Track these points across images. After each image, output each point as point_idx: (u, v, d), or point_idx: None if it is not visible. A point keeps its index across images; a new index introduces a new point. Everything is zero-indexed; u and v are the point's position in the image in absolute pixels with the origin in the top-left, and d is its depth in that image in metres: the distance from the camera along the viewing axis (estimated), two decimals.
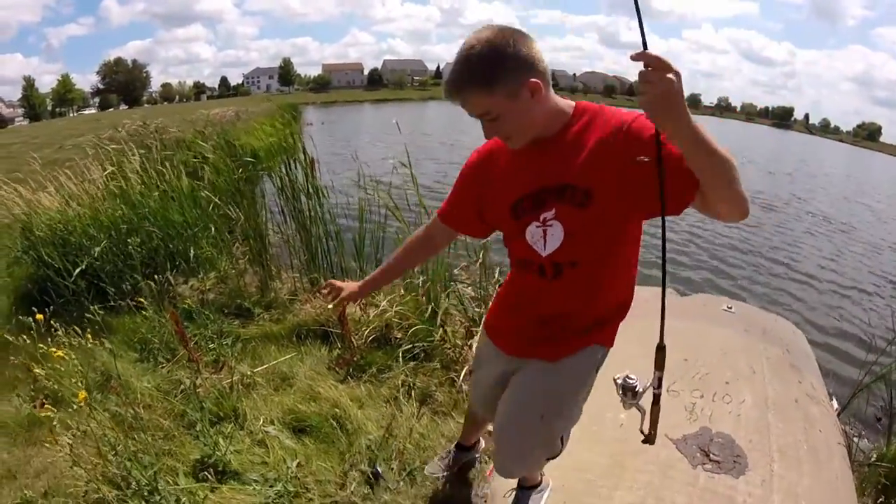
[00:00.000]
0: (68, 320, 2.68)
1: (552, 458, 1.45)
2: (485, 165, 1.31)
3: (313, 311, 3.12)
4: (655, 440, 1.14)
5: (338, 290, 1.51)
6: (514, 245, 1.28)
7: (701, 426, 1.86)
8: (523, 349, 1.37)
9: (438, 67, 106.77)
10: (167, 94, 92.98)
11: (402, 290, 3.09)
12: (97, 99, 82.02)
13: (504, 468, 1.45)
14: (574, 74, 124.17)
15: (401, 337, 2.84)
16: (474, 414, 1.86)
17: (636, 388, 1.13)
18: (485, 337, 1.54)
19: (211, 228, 3.85)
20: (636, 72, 0.82)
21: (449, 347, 2.71)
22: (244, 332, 2.99)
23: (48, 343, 1.70)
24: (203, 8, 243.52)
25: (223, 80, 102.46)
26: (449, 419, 2.35)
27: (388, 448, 2.09)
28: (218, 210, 3.85)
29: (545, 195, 1.16)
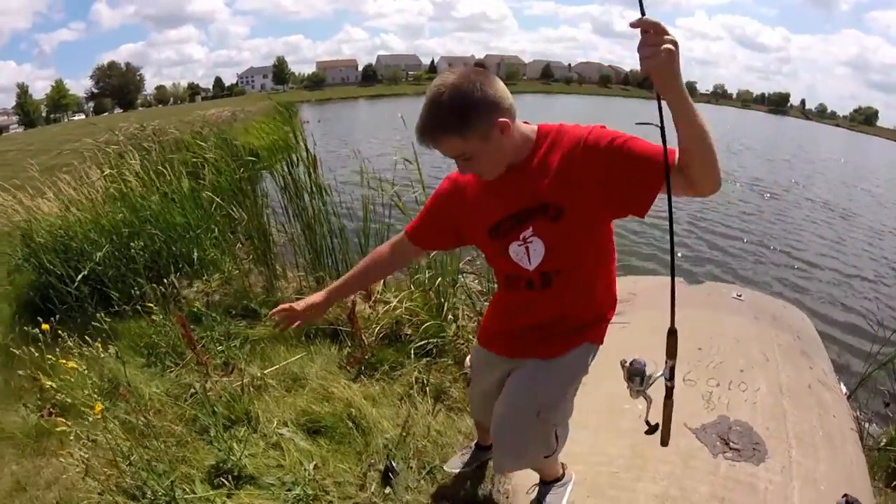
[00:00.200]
0: (72, 327, 2.66)
1: (549, 457, 1.46)
2: (458, 193, 1.36)
3: None
4: (669, 440, 1.14)
5: (290, 316, 1.45)
6: (500, 263, 1.34)
7: (719, 414, 1.87)
8: (520, 350, 1.42)
9: (433, 61, 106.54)
10: (161, 97, 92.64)
11: (412, 287, 3.04)
12: (92, 104, 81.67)
13: (501, 464, 1.49)
14: (569, 65, 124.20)
15: (411, 333, 2.80)
16: (480, 422, 1.90)
17: (644, 373, 1.14)
18: (479, 350, 1.59)
19: (214, 229, 3.80)
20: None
21: (462, 343, 2.67)
22: (252, 334, 2.94)
23: (55, 353, 1.66)
24: (194, 9, 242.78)
25: (217, 81, 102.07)
26: (464, 415, 2.33)
27: (406, 446, 2.06)
28: (220, 210, 3.80)
29: (522, 215, 1.23)
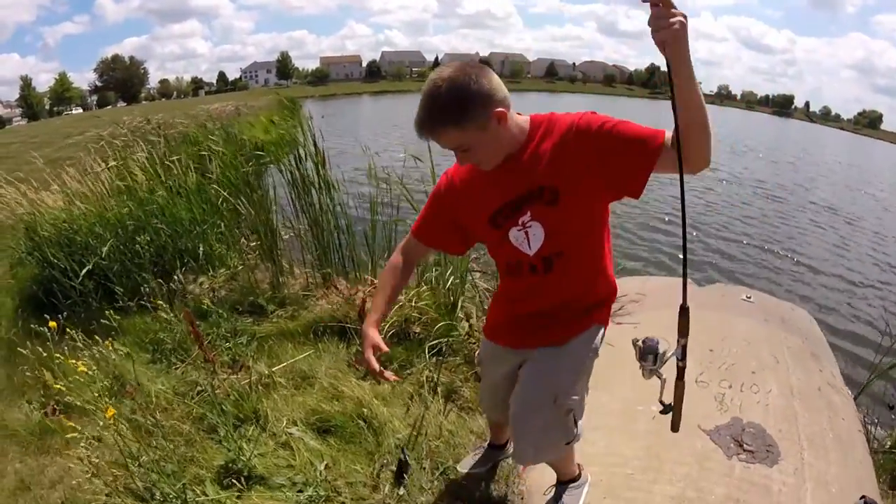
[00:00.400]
0: (76, 322, 2.61)
1: (569, 443, 1.45)
2: (456, 187, 1.39)
3: (329, 307, 3.03)
4: (679, 426, 1.14)
5: (375, 356, 1.41)
6: (501, 251, 1.36)
7: (732, 416, 1.89)
8: (529, 340, 1.43)
9: (437, 58, 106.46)
10: (165, 91, 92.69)
11: (423, 285, 2.99)
12: (95, 97, 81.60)
13: (524, 456, 1.46)
14: (573, 64, 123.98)
15: (420, 332, 2.76)
16: (491, 418, 1.90)
17: (657, 352, 1.15)
18: (487, 343, 1.60)
19: (220, 224, 3.75)
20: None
21: (474, 342, 2.62)
22: (259, 330, 2.89)
23: (60, 349, 1.61)
24: (198, 3, 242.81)
25: (221, 75, 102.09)
26: (476, 415, 2.30)
27: (419, 447, 2.02)
28: (227, 205, 3.75)
29: (519, 202, 1.26)
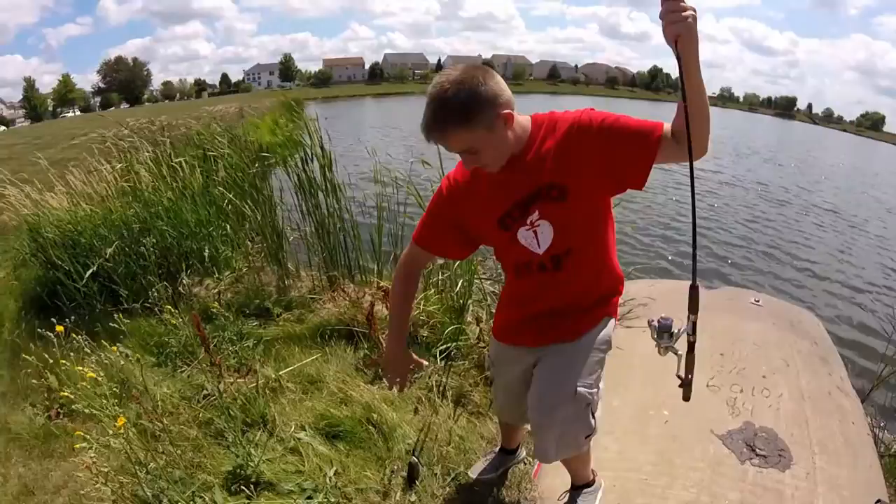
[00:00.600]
0: (80, 325, 2.59)
1: (588, 437, 1.44)
2: (459, 190, 1.38)
3: (336, 310, 2.99)
4: (691, 395, 1.16)
5: (403, 375, 1.51)
6: (510, 252, 1.36)
7: (744, 421, 1.88)
8: (543, 338, 1.43)
9: (439, 60, 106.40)
10: (168, 92, 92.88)
11: (431, 288, 2.96)
12: (98, 98, 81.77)
13: (546, 452, 1.44)
14: (576, 66, 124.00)
15: (428, 336, 2.73)
16: (505, 421, 1.87)
17: (672, 329, 1.17)
18: (498, 345, 1.59)
19: (226, 226, 3.73)
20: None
21: (483, 346, 2.59)
22: (265, 333, 2.86)
23: (65, 353, 1.59)
24: (201, 5, 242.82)
25: (224, 77, 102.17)
26: (487, 420, 2.27)
27: (430, 452, 1.99)
28: (232, 207, 3.73)
29: (528, 201, 1.27)
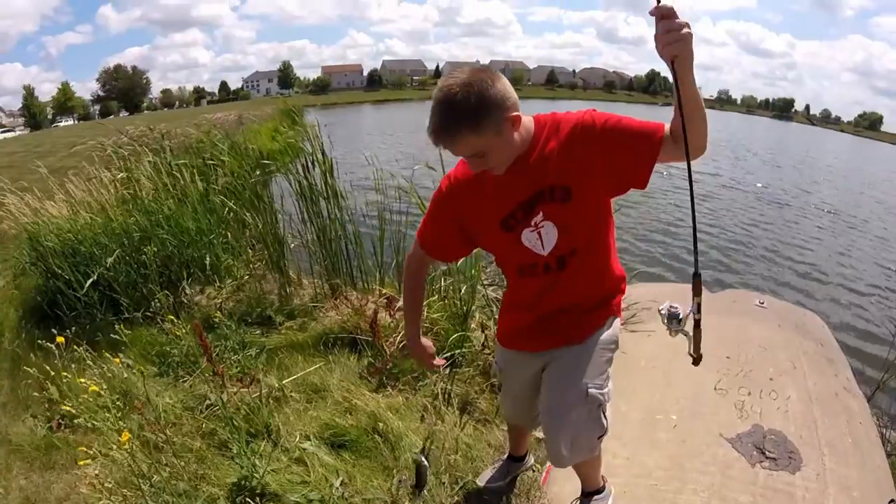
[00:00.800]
0: (80, 334, 2.56)
1: (600, 438, 1.44)
2: (461, 192, 1.36)
3: (339, 318, 2.97)
4: (700, 362, 1.18)
5: (427, 357, 1.61)
6: (514, 255, 1.35)
7: (753, 423, 1.88)
8: (550, 341, 1.42)
9: (438, 67, 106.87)
10: (167, 100, 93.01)
11: (434, 294, 2.93)
12: (97, 106, 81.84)
13: (559, 455, 1.42)
14: (574, 71, 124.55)
15: (432, 343, 2.69)
16: (514, 426, 1.87)
17: (679, 315, 1.19)
18: (504, 352, 1.59)
19: (227, 234, 3.70)
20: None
21: (489, 353, 2.56)
22: (267, 342, 2.83)
23: (66, 364, 1.56)
24: (200, 13, 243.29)
25: (223, 85, 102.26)
26: (494, 427, 2.25)
27: (437, 460, 1.96)
28: (233, 215, 3.71)
29: (531, 202, 1.26)
